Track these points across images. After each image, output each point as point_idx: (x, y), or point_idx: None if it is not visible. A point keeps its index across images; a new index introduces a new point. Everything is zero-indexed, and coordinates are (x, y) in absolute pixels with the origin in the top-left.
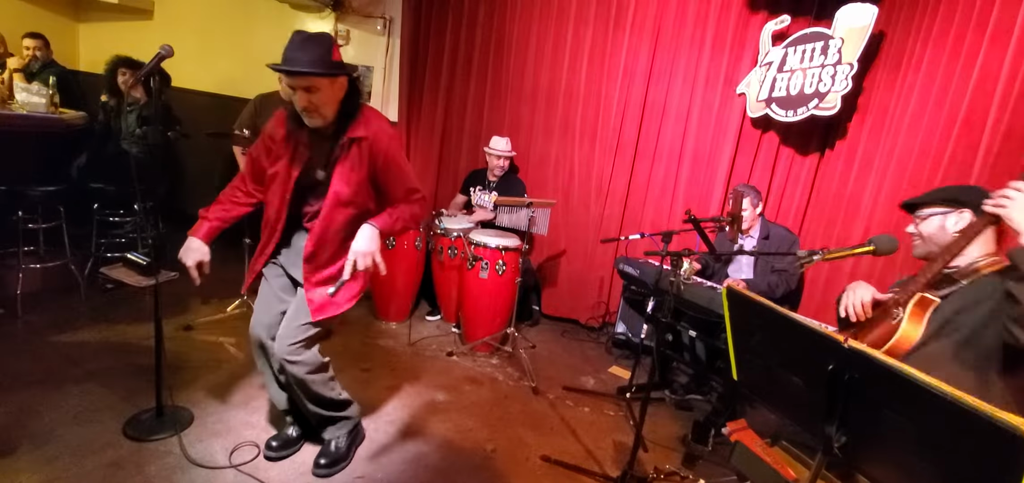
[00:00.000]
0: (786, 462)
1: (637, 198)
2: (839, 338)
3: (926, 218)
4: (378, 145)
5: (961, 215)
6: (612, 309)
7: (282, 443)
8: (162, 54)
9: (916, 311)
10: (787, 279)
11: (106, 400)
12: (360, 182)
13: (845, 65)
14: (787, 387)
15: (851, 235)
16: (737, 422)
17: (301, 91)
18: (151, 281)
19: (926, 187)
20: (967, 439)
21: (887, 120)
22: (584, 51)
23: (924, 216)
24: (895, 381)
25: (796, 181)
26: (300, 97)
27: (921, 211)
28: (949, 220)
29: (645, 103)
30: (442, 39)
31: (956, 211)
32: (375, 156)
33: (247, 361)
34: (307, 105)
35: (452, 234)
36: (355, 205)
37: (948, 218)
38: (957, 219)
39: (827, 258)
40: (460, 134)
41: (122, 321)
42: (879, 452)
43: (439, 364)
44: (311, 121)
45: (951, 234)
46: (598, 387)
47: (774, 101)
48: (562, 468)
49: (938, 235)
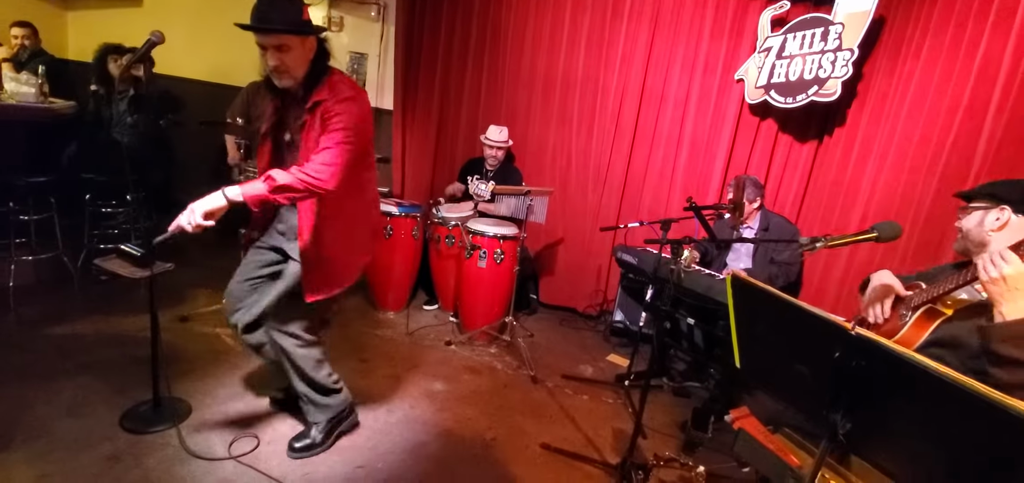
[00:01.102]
0: (788, 449)
1: (635, 186)
2: (846, 325)
3: (970, 212)
4: (330, 108)
5: (1001, 213)
6: (610, 297)
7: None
8: (153, 40)
9: (922, 319)
10: (787, 271)
11: (102, 393)
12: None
13: (846, 51)
14: (791, 375)
15: (849, 222)
16: (740, 410)
17: (272, 50)
18: (146, 273)
19: (927, 175)
20: (979, 428)
21: (887, 107)
22: (581, 38)
23: (969, 209)
24: (905, 369)
25: (794, 168)
26: (271, 56)
27: (971, 203)
28: (989, 217)
29: (643, 90)
30: (437, 26)
31: (996, 208)
32: (324, 119)
33: (245, 353)
34: (278, 64)
35: (450, 223)
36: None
37: (988, 215)
38: (996, 216)
39: (830, 245)
40: (457, 122)
41: (117, 313)
42: (885, 439)
43: (437, 353)
44: (281, 82)
45: (986, 232)
46: (597, 375)
47: (773, 87)
48: (562, 456)
49: (975, 232)
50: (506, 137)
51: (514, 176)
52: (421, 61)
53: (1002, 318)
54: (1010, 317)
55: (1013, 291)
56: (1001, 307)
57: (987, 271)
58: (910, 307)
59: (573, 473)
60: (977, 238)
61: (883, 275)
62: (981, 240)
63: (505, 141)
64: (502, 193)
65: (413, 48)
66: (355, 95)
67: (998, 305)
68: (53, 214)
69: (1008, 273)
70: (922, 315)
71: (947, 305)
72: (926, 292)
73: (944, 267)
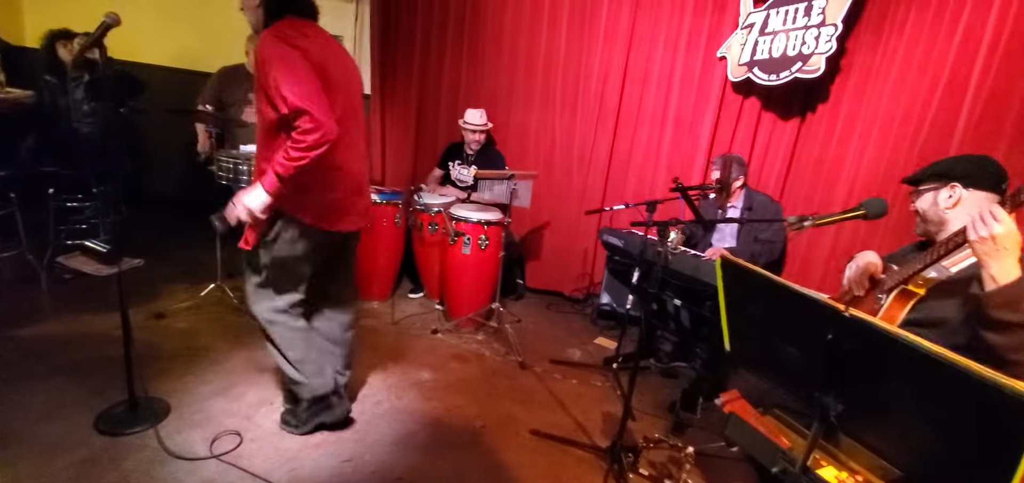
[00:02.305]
0: (779, 430)
1: (620, 166)
2: (840, 307)
3: (921, 194)
4: (259, 52)
5: (952, 190)
6: (596, 280)
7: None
8: (108, 22)
9: (897, 301)
10: (770, 249)
11: (75, 395)
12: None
13: (829, 26)
14: (782, 357)
15: (833, 200)
16: (730, 393)
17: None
18: (113, 269)
19: (909, 151)
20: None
21: (870, 83)
22: (563, 16)
23: (921, 192)
24: (900, 352)
25: (777, 146)
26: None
27: (920, 186)
28: (941, 196)
29: (626, 69)
30: (414, 6)
31: (946, 186)
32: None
33: (225, 347)
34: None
35: (432, 209)
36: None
37: (940, 193)
38: (948, 194)
39: (818, 223)
40: (437, 106)
41: (88, 311)
42: (877, 420)
43: (424, 342)
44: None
45: (942, 211)
46: (585, 359)
47: (756, 64)
48: (552, 441)
49: (932, 212)
50: (485, 120)
51: (497, 160)
52: (398, 43)
53: (992, 279)
54: (999, 277)
55: (1002, 250)
56: (990, 268)
57: (977, 230)
58: (884, 290)
59: (563, 458)
60: (935, 218)
61: (867, 254)
62: (940, 219)
63: (484, 124)
64: (485, 177)
65: (389, 29)
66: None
67: (987, 266)
68: (14, 210)
69: (998, 232)
70: (897, 297)
71: (919, 285)
72: (898, 274)
73: (907, 248)
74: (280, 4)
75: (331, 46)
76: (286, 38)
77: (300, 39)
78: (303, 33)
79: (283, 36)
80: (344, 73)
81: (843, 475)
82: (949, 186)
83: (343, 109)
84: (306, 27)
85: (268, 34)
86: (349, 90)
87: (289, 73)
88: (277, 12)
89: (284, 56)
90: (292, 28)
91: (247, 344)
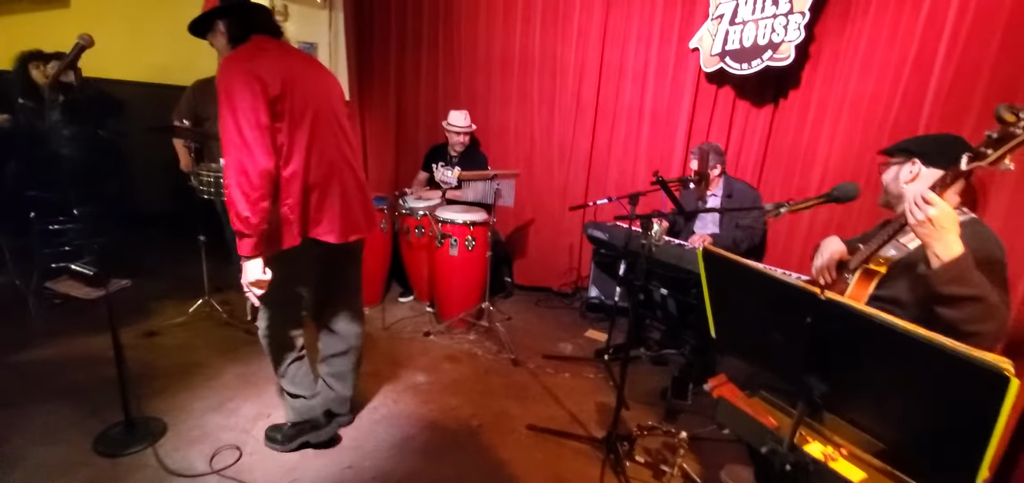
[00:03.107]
0: (766, 411)
1: (600, 161)
2: (817, 291)
3: (888, 167)
4: (219, 79)
5: (913, 166)
6: (583, 274)
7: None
8: (82, 44)
9: (862, 280)
10: (750, 235)
11: (73, 417)
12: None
13: (797, 14)
14: (766, 341)
15: (808, 184)
16: (718, 378)
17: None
18: (101, 292)
19: (879, 132)
20: (947, 380)
21: (839, 67)
22: (536, 14)
23: (889, 165)
24: (875, 330)
25: (753, 133)
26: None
27: (891, 159)
28: (903, 171)
29: (602, 64)
30: (388, 10)
31: (909, 162)
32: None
33: (217, 362)
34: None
35: (418, 213)
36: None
37: (902, 169)
38: (909, 169)
39: (793, 209)
40: (416, 109)
41: (81, 333)
42: (858, 397)
43: (417, 345)
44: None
45: (902, 185)
46: (576, 352)
47: (728, 54)
48: (548, 435)
49: (892, 185)
50: (469, 121)
51: (480, 160)
52: (374, 47)
53: (936, 257)
54: (942, 254)
55: (941, 230)
56: (933, 247)
57: (914, 215)
58: (850, 270)
59: (561, 450)
60: (895, 191)
61: (832, 241)
62: (898, 193)
63: (468, 126)
64: (468, 179)
65: (364, 34)
66: (234, 66)
67: (930, 246)
68: None
69: (934, 214)
70: (861, 276)
71: (880, 263)
72: (861, 253)
73: (874, 229)
74: (244, 28)
75: (295, 57)
76: (245, 62)
77: (260, 56)
78: (262, 49)
79: (241, 61)
80: (313, 84)
81: (829, 450)
82: (911, 162)
83: (314, 117)
84: (266, 43)
85: (227, 61)
86: (320, 97)
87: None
88: (242, 36)
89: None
90: (254, 47)
91: (239, 358)
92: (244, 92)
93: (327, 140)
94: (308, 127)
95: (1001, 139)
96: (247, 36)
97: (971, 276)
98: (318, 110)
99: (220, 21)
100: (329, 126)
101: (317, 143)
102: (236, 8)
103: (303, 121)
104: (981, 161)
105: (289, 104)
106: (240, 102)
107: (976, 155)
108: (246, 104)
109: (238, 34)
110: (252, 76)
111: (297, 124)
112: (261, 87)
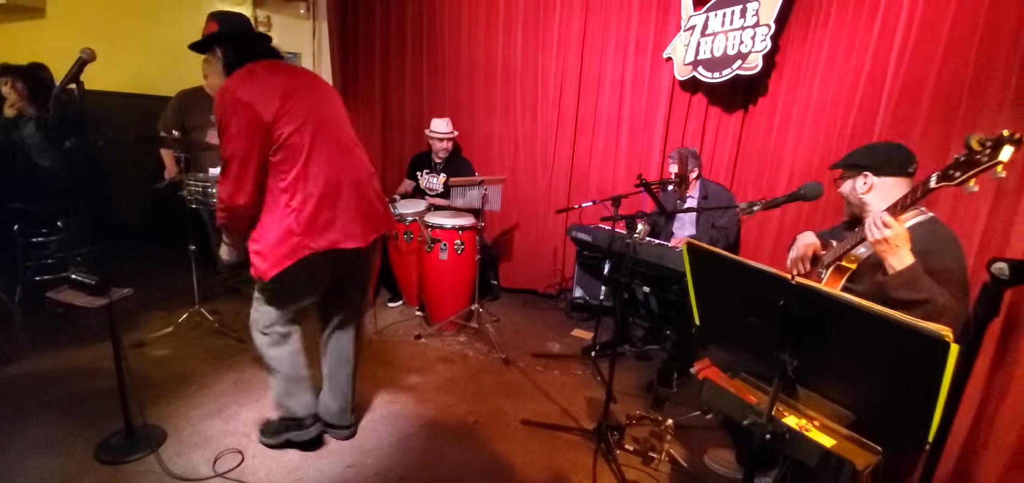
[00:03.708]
0: (747, 390)
1: (582, 166)
2: (787, 276)
3: (843, 181)
4: (216, 105)
5: (865, 178)
6: (568, 275)
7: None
8: (84, 58)
9: (834, 275)
10: (726, 234)
11: (71, 428)
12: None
13: (763, 26)
14: (744, 325)
15: (777, 185)
16: (702, 362)
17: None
18: (104, 300)
19: (839, 136)
20: (899, 350)
21: (802, 76)
22: (517, 25)
23: (841, 180)
24: (837, 308)
25: (725, 138)
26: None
27: (844, 173)
28: (857, 183)
29: (581, 74)
30: (372, 20)
31: (860, 175)
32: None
33: (211, 371)
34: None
35: (407, 219)
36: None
37: (855, 181)
38: (863, 182)
39: (765, 207)
40: (401, 118)
41: (67, 347)
42: (826, 369)
43: (409, 348)
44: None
45: (860, 196)
46: (564, 350)
47: (700, 64)
48: (542, 429)
49: (852, 197)
50: (451, 128)
51: (465, 167)
52: (358, 57)
53: (891, 268)
54: (896, 266)
55: (895, 248)
56: (888, 261)
57: (873, 234)
58: (824, 265)
59: (555, 442)
60: (855, 202)
61: (806, 236)
62: (859, 203)
63: (450, 132)
64: (458, 185)
65: (348, 44)
66: (230, 88)
67: (885, 259)
68: None
69: (889, 235)
70: (833, 272)
71: (851, 260)
72: (834, 251)
73: (841, 225)
74: (239, 56)
75: (287, 74)
76: (235, 92)
77: (250, 82)
78: (252, 73)
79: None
80: (310, 96)
81: (803, 422)
82: (862, 175)
83: (315, 129)
84: (257, 67)
85: (221, 91)
86: (321, 109)
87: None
88: (237, 63)
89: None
90: (245, 73)
91: (234, 366)
92: (232, 122)
93: (331, 149)
94: (309, 140)
95: (968, 163)
96: (241, 63)
97: (921, 283)
98: (319, 122)
99: (218, 47)
100: (331, 134)
101: (320, 154)
102: (233, 36)
103: (303, 135)
104: (949, 182)
105: (288, 122)
106: (229, 132)
107: (945, 176)
108: (234, 133)
109: (232, 61)
110: (241, 105)
111: (297, 140)
112: (252, 115)
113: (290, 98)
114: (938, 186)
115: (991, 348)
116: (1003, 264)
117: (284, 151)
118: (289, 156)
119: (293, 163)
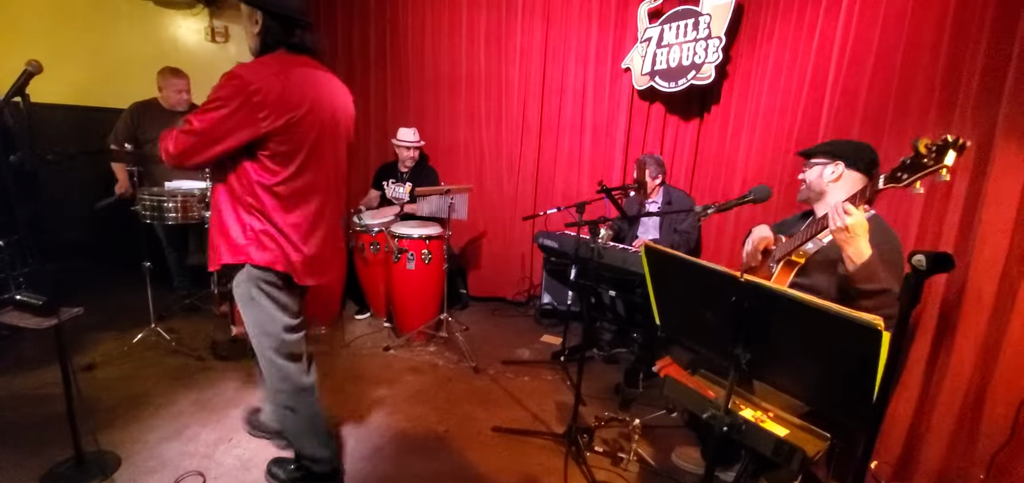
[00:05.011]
0: (706, 385)
1: (547, 174)
2: (736, 274)
3: (811, 167)
4: (232, 71)
5: (836, 167)
6: (536, 282)
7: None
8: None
9: (784, 269)
10: (687, 238)
11: (13, 458)
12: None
13: (714, 39)
14: (701, 322)
15: (732, 188)
16: (664, 360)
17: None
18: (53, 321)
19: (787, 140)
20: (838, 339)
21: (751, 85)
22: (480, 36)
23: (811, 164)
24: (781, 303)
25: (683, 145)
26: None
27: (811, 159)
28: (826, 170)
29: (544, 83)
30: (334, 32)
31: (833, 163)
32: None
33: (168, 391)
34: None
35: (373, 230)
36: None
37: (826, 169)
38: (833, 170)
39: (719, 209)
40: (366, 128)
41: (5, 373)
42: (775, 361)
43: (377, 361)
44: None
45: (825, 184)
46: (534, 356)
47: (657, 74)
48: (513, 435)
49: (816, 183)
50: (417, 137)
51: (430, 176)
52: None
53: (850, 259)
54: (854, 257)
55: (854, 237)
56: (847, 250)
57: (835, 222)
58: (775, 260)
59: (526, 447)
60: (817, 188)
61: (761, 229)
62: (821, 190)
63: (417, 141)
64: (424, 194)
65: None
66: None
67: (844, 249)
68: None
69: (850, 223)
70: (784, 266)
71: (800, 255)
72: (785, 245)
73: (793, 218)
74: (276, 38)
75: (317, 86)
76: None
77: (272, 82)
78: (283, 70)
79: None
80: (325, 107)
81: (758, 414)
82: (835, 163)
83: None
84: (293, 63)
85: (245, 69)
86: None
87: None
88: (272, 45)
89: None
90: (276, 63)
91: (194, 385)
92: (225, 110)
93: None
94: (306, 151)
95: (915, 166)
96: (276, 46)
97: (878, 273)
98: (321, 133)
99: (261, 14)
100: (330, 149)
101: (311, 168)
102: (282, 15)
103: (303, 146)
104: (896, 183)
105: (295, 131)
106: (217, 113)
107: (892, 178)
108: (219, 119)
109: (268, 42)
110: (251, 106)
111: (297, 150)
112: (252, 124)
113: (309, 107)
114: (886, 187)
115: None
116: (921, 256)
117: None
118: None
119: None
